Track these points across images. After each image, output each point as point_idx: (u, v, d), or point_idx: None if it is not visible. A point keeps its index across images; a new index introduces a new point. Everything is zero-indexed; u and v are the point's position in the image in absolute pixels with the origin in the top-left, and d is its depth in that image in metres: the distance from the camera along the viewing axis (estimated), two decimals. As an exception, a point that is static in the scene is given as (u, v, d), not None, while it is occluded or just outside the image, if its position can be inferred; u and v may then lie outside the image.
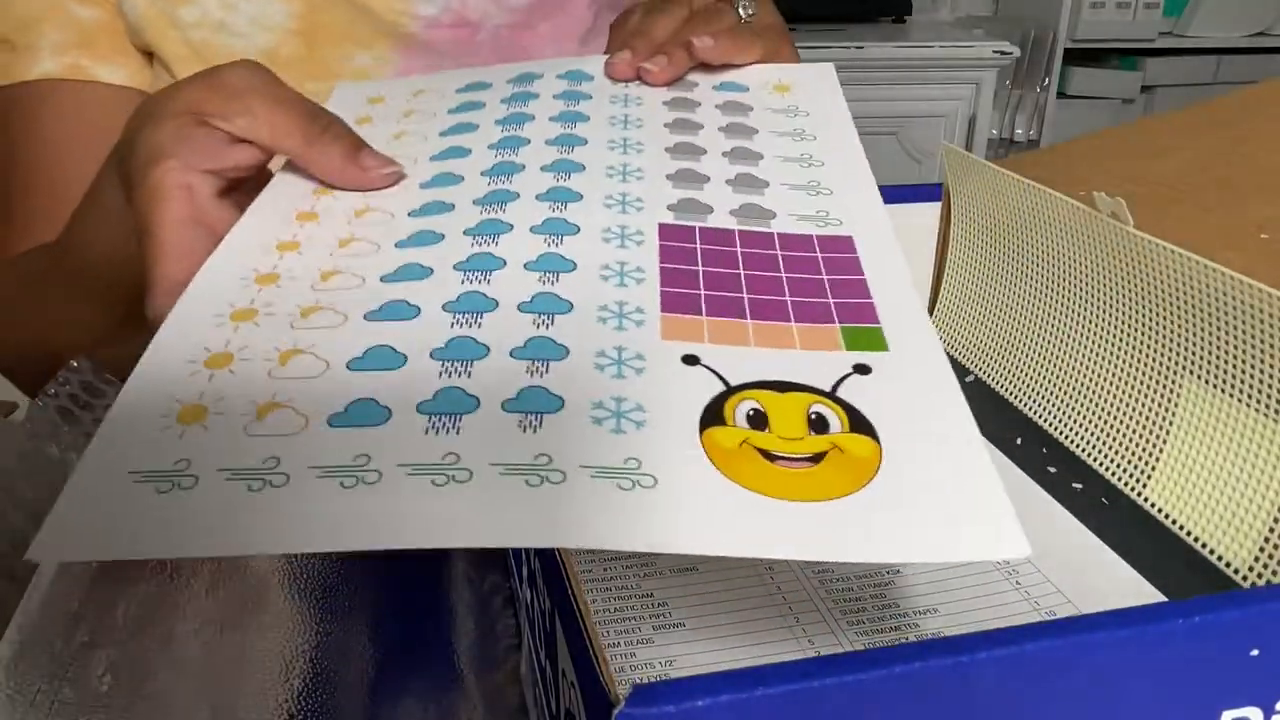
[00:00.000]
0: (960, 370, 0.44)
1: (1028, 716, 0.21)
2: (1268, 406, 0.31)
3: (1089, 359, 0.38)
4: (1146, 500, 0.34)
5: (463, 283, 0.32)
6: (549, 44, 0.60)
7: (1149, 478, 0.35)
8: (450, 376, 0.28)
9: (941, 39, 1.80)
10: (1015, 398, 0.41)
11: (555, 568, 0.26)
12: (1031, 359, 0.41)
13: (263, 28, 0.56)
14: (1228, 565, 0.31)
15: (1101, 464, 0.36)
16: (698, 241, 0.34)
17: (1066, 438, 0.38)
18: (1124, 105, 2.11)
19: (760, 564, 0.33)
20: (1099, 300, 0.37)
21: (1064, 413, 0.39)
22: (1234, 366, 0.32)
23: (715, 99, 0.44)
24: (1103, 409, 0.37)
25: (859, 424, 0.27)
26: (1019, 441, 0.40)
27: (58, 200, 0.50)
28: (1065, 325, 0.39)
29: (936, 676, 0.20)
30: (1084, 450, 0.37)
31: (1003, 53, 1.79)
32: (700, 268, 0.33)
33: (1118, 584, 0.33)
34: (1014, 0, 2.10)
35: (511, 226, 0.34)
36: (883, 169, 0.39)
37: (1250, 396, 0.31)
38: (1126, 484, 0.35)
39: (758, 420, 0.27)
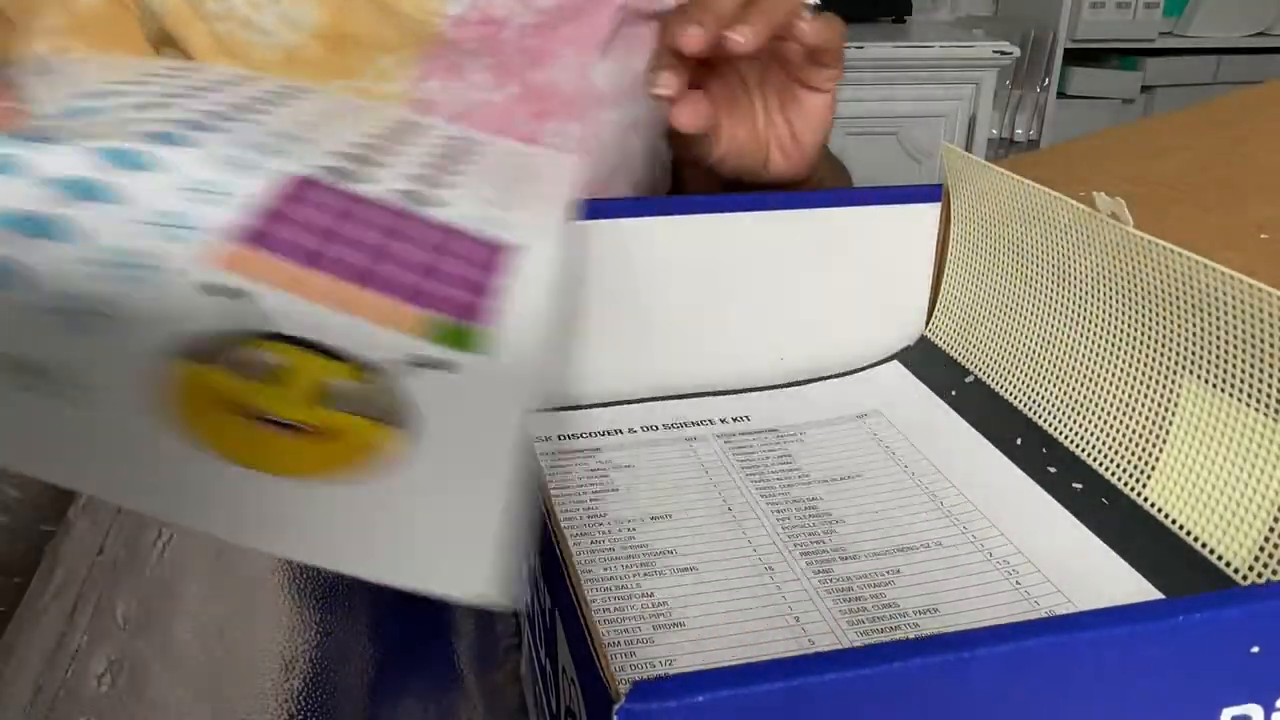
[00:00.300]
0: (960, 370, 0.44)
1: (1028, 713, 0.21)
2: (1268, 406, 0.31)
3: (1089, 359, 0.38)
4: (1146, 500, 0.34)
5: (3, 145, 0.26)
6: (569, 47, 0.60)
7: (1149, 478, 0.35)
8: None
9: (941, 39, 1.81)
10: (1015, 398, 0.41)
11: (556, 566, 0.26)
12: (1031, 359, 0.41)
13: (290, 27, 0.57)
14: (1227, 565, 0.31)
15: (1101, 464, 0.36)
16: (328, 199, 0.29)
17: (1066, 438, 0.38)
18: (1124, 105, 2.12)
19: (760, 563, 0.33)
20: (1099, 300, 0.37)
21: (1064, 413, 0.39)
22: (1234, 366, 0.32)
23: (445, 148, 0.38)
24: (1103, 409, 0.37)
25: (393, 417, 0.23)
26: (1019, 441, 0.40)
27: None
28: (1065, 325, 0.39)
29: (936, 672, 0.20)
30: (1084, 450, 0.37)
31: (1003, 53, 1.79)
32: (315, 216, 0.28)
33: (1118, 584, 0.33)
34: (1014, 0, 2.10)
35: (123, 145, 0.28)
36: (883, 169, 0.38)
37: (1250, 396, 0.31)
38: (1126, 484, 0.35)
39: (269, 375, 0.22)
